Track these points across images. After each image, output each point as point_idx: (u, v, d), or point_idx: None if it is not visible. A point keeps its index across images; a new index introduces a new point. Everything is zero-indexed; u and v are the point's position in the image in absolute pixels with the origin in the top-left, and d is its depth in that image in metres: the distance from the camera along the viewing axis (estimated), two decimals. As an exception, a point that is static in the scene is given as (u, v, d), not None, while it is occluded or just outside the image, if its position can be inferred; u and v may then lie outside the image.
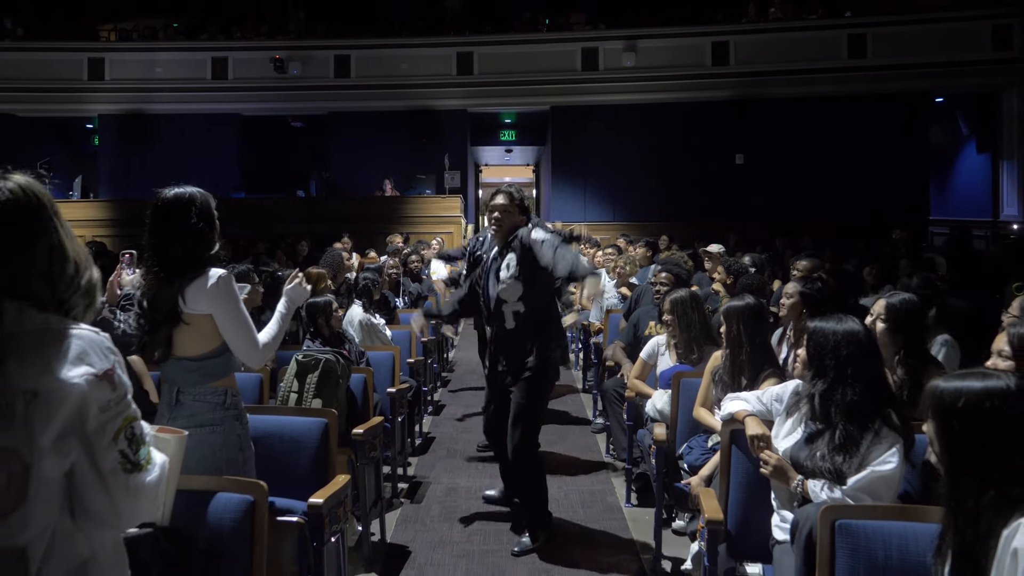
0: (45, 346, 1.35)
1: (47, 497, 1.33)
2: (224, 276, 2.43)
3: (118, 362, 1.42)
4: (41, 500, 1.32)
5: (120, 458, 1.37)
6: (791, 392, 2.74)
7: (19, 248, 1.37)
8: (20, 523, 1.31)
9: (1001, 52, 13.11)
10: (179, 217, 2.44)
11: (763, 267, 6.54)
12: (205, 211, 2.48)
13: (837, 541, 1.97)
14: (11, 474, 1.30)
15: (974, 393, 1.66)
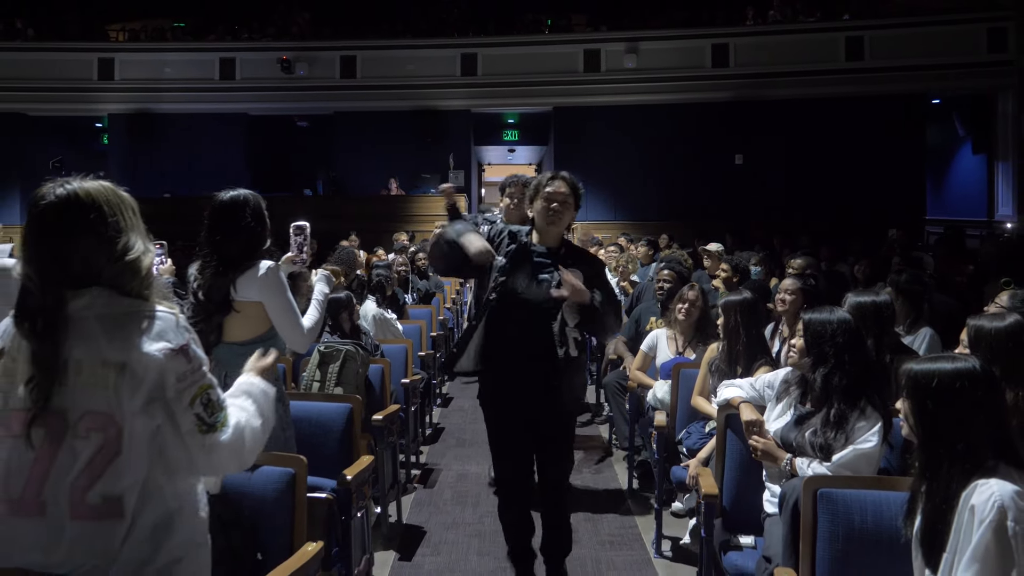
0: (129, 325, 1.58)
1: (139, 453, 1.57)
2: (273, 267, 2.70)
3: (192, 339, 1.67)
4: (133, 455, 1.56)
5: (196, 420, 1.61)
6: (781, 380, 2.97)
7: (91, 243, 1.60)
8: (116, 475, 1.55)
9: (996, 55, 13.34)
10: (235, 217, 2.70)
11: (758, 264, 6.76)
12: (257, 212, 2.76)
13: (819, 508, 2.20)
14: (107, 433, 1.55)
15: (946, 374, 1.90)
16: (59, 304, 1.56)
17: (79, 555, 1.55)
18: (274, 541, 2.32)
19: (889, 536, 2.09)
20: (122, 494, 1.56)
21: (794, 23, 14.34)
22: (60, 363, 1.55)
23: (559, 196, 3.12)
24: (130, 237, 1.62)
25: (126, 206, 1.64)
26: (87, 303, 1.57)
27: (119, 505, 1.56)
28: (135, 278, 1.62)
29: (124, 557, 1.56)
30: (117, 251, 1.60)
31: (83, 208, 1.58)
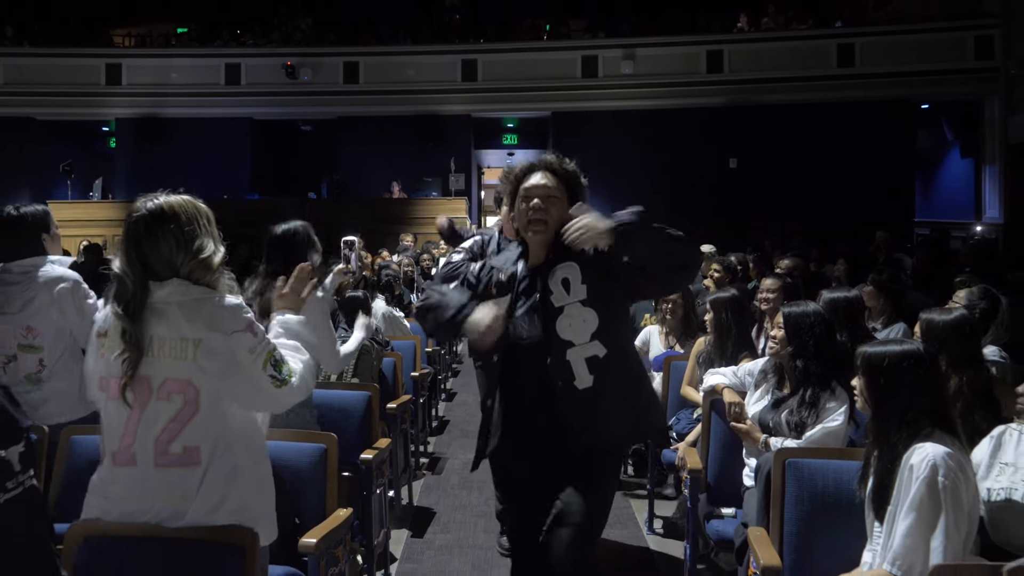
0: (203, 309, 1.92)
1: (214, 411, 1.91)
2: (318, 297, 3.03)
3: (252, 315, 2.00)
4: (209, 413, 1.91)
5: (270, 380, 1.96)
6: (760, 368, 3.29)
7: (171, 246, 1.94)
8: (195, 429, 1.90)
9: (983, 61, 13.69)
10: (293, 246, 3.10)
11: (747, 265, 7.09)
12: (308, 240, 3.18)
13: (787, 476, 2.52)
14: (187, 395, 1.89)
15: (894, 355, 2.23)
16: (145, 293, 1.90)
17: (161, 499, 1.88)
18: (310, 507, 2.63)
19: (847, 498, 2.40)
20: (199, 445, 1.90)
21: (787, 30, 14.69)
22: (146, 339, 1.88)
23: (539, 191, 2.37)
24: (204, 241, 1.96)
25: (201, 215, 1.98)
26: (168, 292, 1.92)
27: (197, 454, 1.90)
28: (206, 273, 1.96)
29: (199, 500, 1.89)
30: (192, 251, 1.94)
31: (165, 219, 1.93)
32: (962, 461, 2.10)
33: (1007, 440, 2.34)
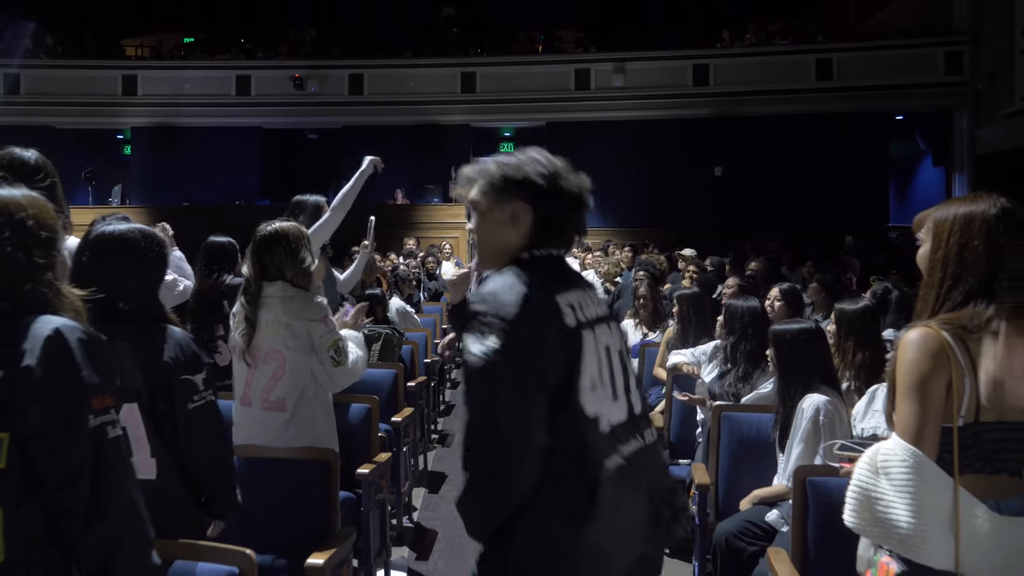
0: (294, 303, 2.73)
1: (295, 374, 2.72)
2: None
3: (328, 312, 2.81)
4: (291, 375, 2.71)
5: (331, 359, 2.75)
6: (712, 348, 4.11)
7: (282, 258, 2.75)
8: (282, 385, 2.70)
9: (953, 76, 14.53)
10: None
11: (722, 267, 7.90)
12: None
13: (722, 427, 3.33)
14: (279, 362, 2.70)
15: (794, 331, 3.04)
16: (260, 290, 2.71)
17: (269, 433, 2.69)
18: (359, 452, 3.43)
19: (764, 441, 3.21)
20: (285, 396, 2.71)
21: (768, 46, 15.54)
22: (257, 321, 2.69)
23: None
24: (306, 256, 2.77)
25: (303, 237, 2.80)
26: (275, 290, 2.73)
27: (284, 403, 2.71)
28: (304, 278, 2.77)
29: (287, 435, 2.70)
30: (296, 262, 2.75)
31: (279, 238, 2.75)
32: (839, 406, 2.92)
33: (879, 395, 3.14)
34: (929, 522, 1.69)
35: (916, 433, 1.74)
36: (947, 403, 1.76)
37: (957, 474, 1.73)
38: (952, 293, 1.83)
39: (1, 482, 1.28)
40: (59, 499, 1.31)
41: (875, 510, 1.75)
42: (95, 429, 1.34)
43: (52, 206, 1.48)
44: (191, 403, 2.05)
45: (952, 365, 1.75)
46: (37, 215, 1.42)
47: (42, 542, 1.31)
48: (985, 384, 1.75)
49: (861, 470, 1.82)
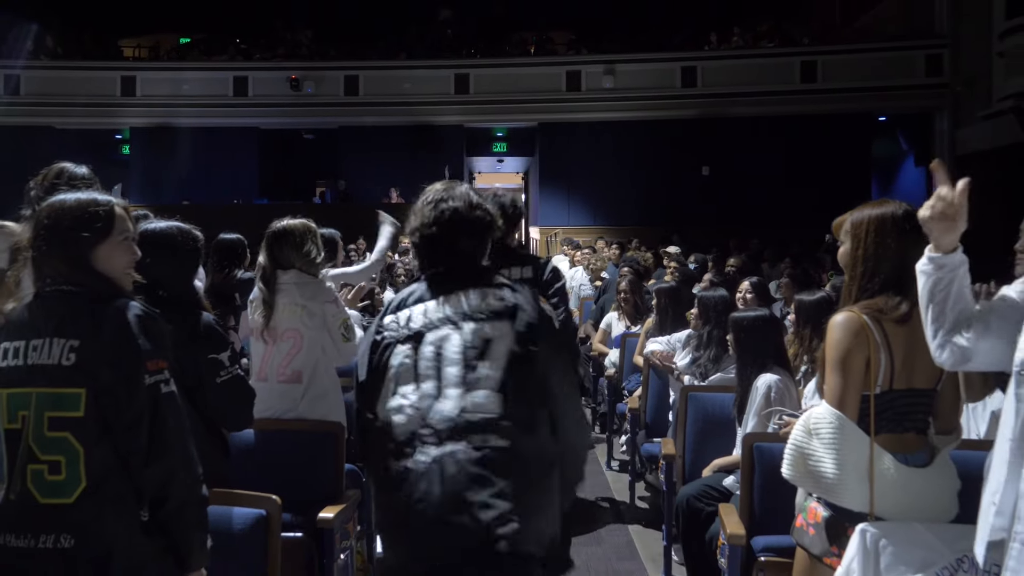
0: (308, 288, 3.09)
1: (310, 350, 3.08)
2: None
3: (337, 295, 3.17)
4: (306, 351, 3.08)
5: (342, 336, 3.11)
6: (685, 337, 4.47)
7: (291, 249, 3.11)
8: (298, 360, 3.05)
9: (933, 78, 14.93)
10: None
11: (705, 264, 8.26)
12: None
13: (689, 405, 3.68)
14: (295, 339, 3.05)
15: (750, 317, 3.40)
16: (275, 277, 3.07)
17: (287, 403, 3.04)
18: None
19: (726, 418, 3.56)
20: (301, 370, 3.06)
21: (754, 48, 15.93)
22: (274, 303, 3.05)
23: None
24: (312, 248, 3.12)
25: (309, 232, 3.15)
26: (288, 277, 3.09)
27: (300, 375, 3.06)
28: (312, 267, 3.13)
29: (303, 405, 3.05)
30: (303, 253, 3.10)
31: (286, 234, 3.11)
32: (788, 384, 3.28)
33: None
34: (849, 472, 2.06)
35: (840, 400, 2.11)
36: (866, 375, 2.13)
37: (873, 433, 2.10)
38: (870, 283, 2.20)
39: (81, 427, 1.63)
40: (124, 441, 1.67)
41: (807, 464, 2.12)
42: (150, 386, 1.69)
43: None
44: (218, 377, 2.41)
45: (870, 343, 2.12)
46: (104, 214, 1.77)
47: (113, 475, 1.66)
48: (897, 358, 2.12)
49: (796, 431, 2.19)
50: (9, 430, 1.64)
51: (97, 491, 1.63)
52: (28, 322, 1.68)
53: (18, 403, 1.63)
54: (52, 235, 1.70)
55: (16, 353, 1.64)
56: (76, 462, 1.61)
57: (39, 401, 1.62)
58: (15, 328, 1.67)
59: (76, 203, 1.75)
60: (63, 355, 1.62)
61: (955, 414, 2.23)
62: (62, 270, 1.69)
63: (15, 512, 1.62)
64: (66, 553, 1.60)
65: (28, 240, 1.72)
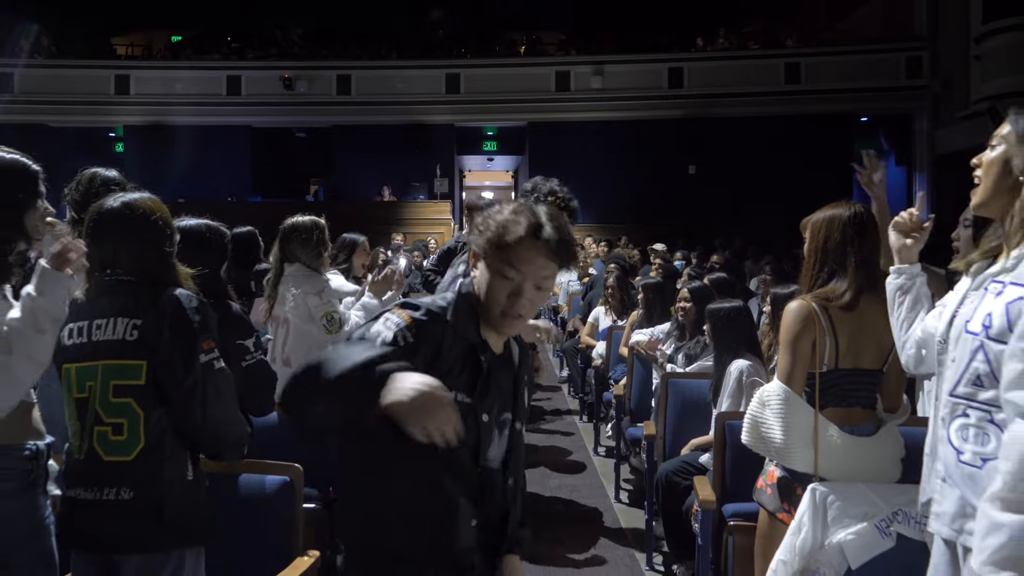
0: (304, 280, 3.37)
1: (297, 337, 3.36)
2: None
3: (326, 287, 3.44)
4: (295, 337, 3.35)
5: (324, 328, 3.38)
6: (669, 327, 4.76)
7: (298, 246, 3.39)
8: (289, 345, 3.35)
9: (913, 80, 15.33)
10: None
11: (689, 261, 8.57)
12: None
13: (669, 390, 3.97)
14: (286, 326, 3.34)
15: (726, 308, 3.70)
16: (282, 270, 3.35)
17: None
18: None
19: (703, 401, 3.85)
20: (291, 356, 3.34)
21: (740, 50, 16.26)
22: (279, 294, 3.33)
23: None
24: (317, 244, 3.40)
25: (317, 228, 3.42)
26: (291, 270, 3.37)
27: (290, 360, 3.33)
28: (315, 261, 3.41)
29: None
30: (308, 249, 3.38)
31: (295, 230, 3.40)
32: (759, 369, 3.57)
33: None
34: (796, 439, 2.36)
35: (788, 376, 2.42)
36: (813, 356, 2.43)
37: (817, 405, 2.40)
38: (820, 275, 2.50)
39: (142, 393, 1.90)
40: (180, 407, 1.93)
41: (761, 431, 2.42)
42: (204, 364, 1.96)
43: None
44: (244, 362, 2.67)
45: (816, 328, 2.42)
46: (163, 215, 2.03)
47: (167, 436, 1.93)
48: (843, 341, 2.42)
49: (753, 404, 2.49)
50: (78, 399, 1.90)
51: (153, 450, 1.90)
52: (90, 306, 1.94)
53: (85, 376, 1.89)
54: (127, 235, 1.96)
55: (80, 332, 1.90)
56: (137, 424, 1.87)
57: (105, 371, 1.88)
58: (77, 311, 1.93)
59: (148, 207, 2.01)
60: (127, 332, 1.88)
61: (901, 393, 2.53)
62: (127, 263, 1.95)
63: (83, 469, 1.89)
64: (127, 504, 1.87)
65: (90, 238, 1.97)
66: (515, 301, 1.55)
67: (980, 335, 1.65)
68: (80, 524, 1.90)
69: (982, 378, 1.66)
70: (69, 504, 1.92)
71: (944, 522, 1.73)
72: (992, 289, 1.67)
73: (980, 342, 1.65)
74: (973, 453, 1.68)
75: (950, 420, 1.74)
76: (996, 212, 1.78)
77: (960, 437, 1.71)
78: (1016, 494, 1.44)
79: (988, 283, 1.70)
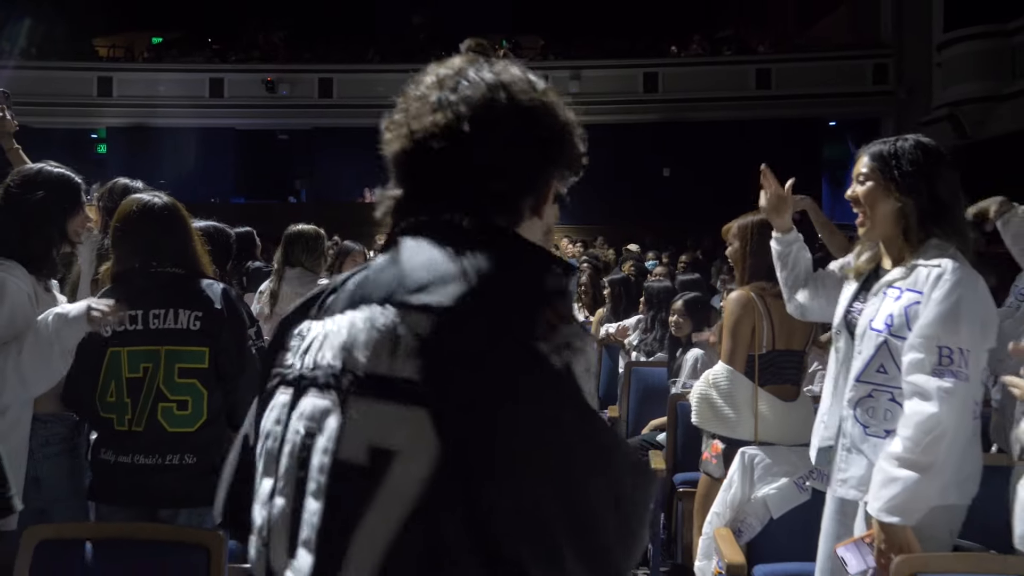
0: (299, 283, 3.70)
1: None
2: None
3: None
4: None
5: None
6: (635, 321, 5.14)
7: (301, 250, 3.73)
8: None
9: (880, 86, 15.86)
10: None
11: (660, 260, 8.96)
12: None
13: (632, 377, 4.34)
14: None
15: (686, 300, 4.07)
16: (284, 271, 3.68)
17: None
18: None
19: (662, 386, 4.22)
20: None
21: (713, 56, 16.73)
22: (281, 294, 3.66)
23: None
24: (317, 251, 3.74)
25: (318, 236, 3.77)
26: (292, 274, 3.71)
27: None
28: (315, 266, 3.74)
29: None
30: (309, 254, 3.73)
31: (299, 237, 3.76)
32: (712, 358, 3.93)
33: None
34: (741, 411, 2.74)
35: (731, 357, 2.79)
36: (752, 339, 2.81)
37: (757, 382, 2.78)
38: (756, 269, 2.88)
39: (206, 375, 2.20)
40: (233, 385, 2.25)
41: (713, 407, 2.80)
42: (252, 347, 2.30)
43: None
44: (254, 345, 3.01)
45: (755, 314, 2.80)
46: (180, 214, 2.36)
47: (222, 410, 2.25)
48: (777, 325, 2.81)
49: (699, 384, 2.87)
50: (130, 378, 2.17)
51: (213, 422, 2.21)
52: (140, 296, 2.21)
53: (140, 358, 2.16)
54: (173, 230, 2.27)
55: (135, 320, 2.18)
56: (200, 401, 2.17)
57: (168, 356, 2.17)
58: (127, 301, 2.19)
59: (181, 207, 2.35)
60: (190, 322, 2.18)
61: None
62: (173, 256, 2.26)
63: (144, 439, 2.16)
64: (191, 467, 2.17)
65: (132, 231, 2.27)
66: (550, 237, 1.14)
67: (883, 332, 2.00)
68: (133, 483, 2.17)
69: (885, 366, 2.01)
70: (116, 467, 2.17)
71: (852, 485, 2.05)
72: (891, 294, 2.02)
73: (884, 338, 2.00)
74: (878, 427, 2.02)
75: (857, 401, 2.08)
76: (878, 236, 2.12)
77: (867, 415, 2.06)
78: (911, 455, 1.81)
79: (886, 289, 2.04)
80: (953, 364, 1.83)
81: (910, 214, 2.03)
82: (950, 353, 1.83)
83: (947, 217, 2.04)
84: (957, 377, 1.82)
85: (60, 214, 2.27)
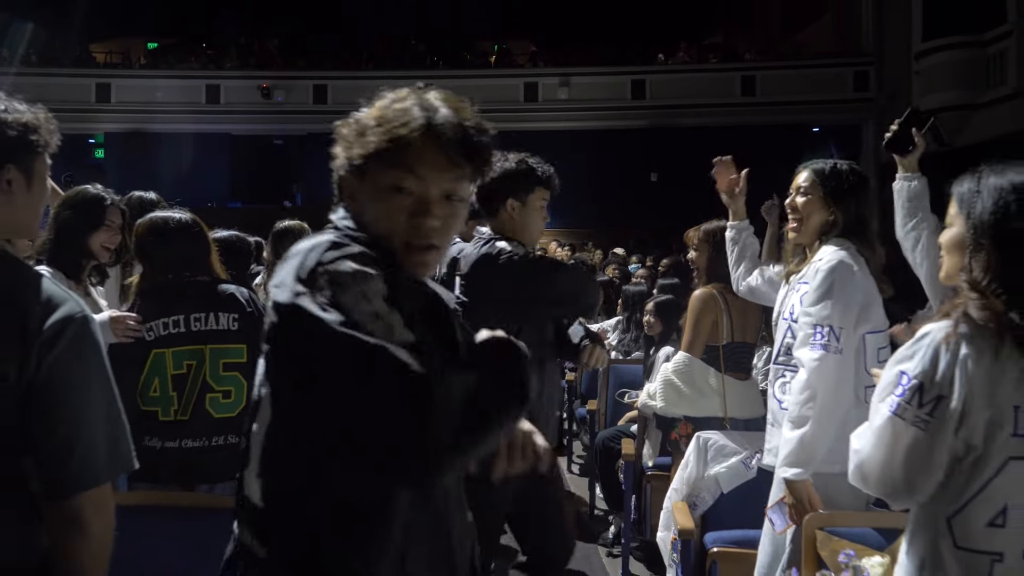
0: None
1: None
2: None
3: None
4: None
5: None
6: (614, 322, 5.50)
7: (288, 245, 4.06)
8: None
9: (861, 93, 16.29)
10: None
11: (644, 263, 9.32)
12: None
13: (610, 374, 4.69)
14: None
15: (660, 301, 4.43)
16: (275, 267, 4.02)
17: None
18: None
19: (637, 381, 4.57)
20: None
21: (699, 64, 17.13)
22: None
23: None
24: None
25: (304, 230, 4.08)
26: None
27: None
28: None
29: None
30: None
31: (286, 233, 4.04)
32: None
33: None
34: (707, 392, 3.11)
35: (690, 346, 3.17)
36: (715, 331, 3.18)
37: (723, 369, 3.14)
38: (713, 271, 3.24)
39: (245, 368, 2.48)
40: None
41: (678, 391, 3.17)
42: None
43: None
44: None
45: (717, 309, 3.16)
46: (203, 227, 2.70)
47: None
48: (736, 319, 3.18)
49: (660, 373, 3.24)
50: (175, 375, 2.47)
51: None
52: (179, 302, 2.50)
53: (184, 357, 2.46)
54: (201, 242, 2.60)
55: (177, 324, 2.48)
56: (242, 391, 2.47)
57: (212, 353, 2.48)
58: (167, 307, 2.49)
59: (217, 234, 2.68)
60: (229, 323, 2.50)
61: None
62: (202, 266, 2.58)
63: (192, 425, 2.46)
64: (235, 446, 2.43)
65: (163, 244, 2.59)
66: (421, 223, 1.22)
67: (788, 320, 2.38)
68: (180, 464, 2.45)
69: (791, 349, 2.38)
70: (164, 452, 2.44)
71: (774, 455, 2.43)
72: (799, 289, 2.39)
73: (788, 325, 2.38)
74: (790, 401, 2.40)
75: (774, 380, 2.46)
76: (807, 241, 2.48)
77: (781, 391, 2.43)
78: (792, 415, 2.17)
79: (797, 284, 2.41)
80: (824, 339, 2.17)
81: (838, 224, 2.40)
82: (821, 329, 2.19)
83: (864, 230, 2.41)
84: (826, 349, 2.17)
85: (83, 232, 2.60)
